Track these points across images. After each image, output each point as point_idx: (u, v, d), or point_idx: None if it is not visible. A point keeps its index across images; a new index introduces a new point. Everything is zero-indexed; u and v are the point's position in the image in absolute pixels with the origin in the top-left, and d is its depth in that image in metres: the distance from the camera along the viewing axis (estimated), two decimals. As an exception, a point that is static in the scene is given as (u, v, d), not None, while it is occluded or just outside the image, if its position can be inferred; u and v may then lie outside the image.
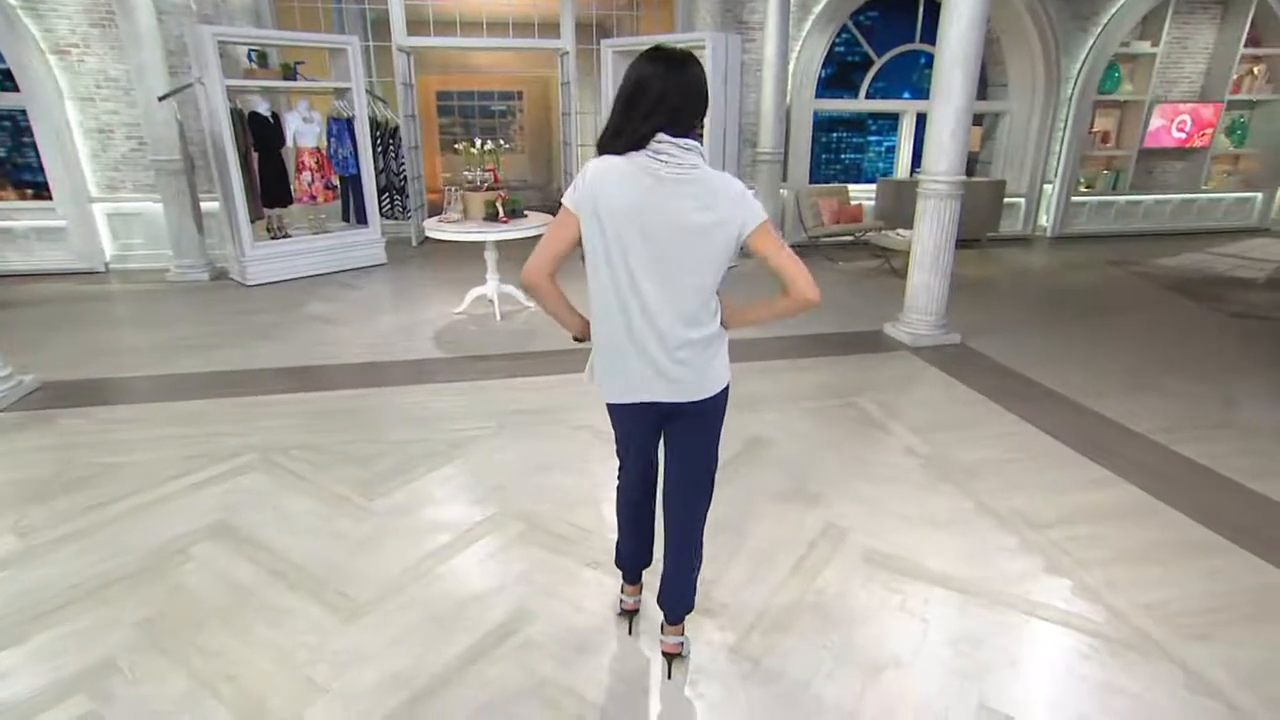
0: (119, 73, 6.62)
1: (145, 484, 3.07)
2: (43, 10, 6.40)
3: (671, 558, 2.04)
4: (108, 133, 6.85)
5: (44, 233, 6.97)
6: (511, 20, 8.70)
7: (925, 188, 4.71)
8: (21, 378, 4.05)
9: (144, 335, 5.27)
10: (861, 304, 6.05)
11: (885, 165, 9.61)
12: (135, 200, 7.06)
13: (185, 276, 6.77)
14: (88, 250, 7.06)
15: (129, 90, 6.58)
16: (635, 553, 2.23)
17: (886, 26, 8.54)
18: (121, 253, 7.22)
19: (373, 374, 4.42)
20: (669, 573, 2.05)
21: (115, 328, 5.48)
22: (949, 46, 4.40)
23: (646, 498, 2.15)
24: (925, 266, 4.85)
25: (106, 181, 7.00)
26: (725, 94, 6.62)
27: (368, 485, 3.09)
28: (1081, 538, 2.74)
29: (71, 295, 6.36)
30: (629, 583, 2.29)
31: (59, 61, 6.56)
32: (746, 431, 3.60)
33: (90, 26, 6.53)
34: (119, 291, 6.57)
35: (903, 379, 4.40)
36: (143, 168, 6.87)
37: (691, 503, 2.01)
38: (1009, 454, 3.41)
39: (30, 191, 7.15)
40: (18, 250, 6.96)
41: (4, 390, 3.88)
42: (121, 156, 6.93)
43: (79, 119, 6.77)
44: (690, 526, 2.03)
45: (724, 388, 1.88)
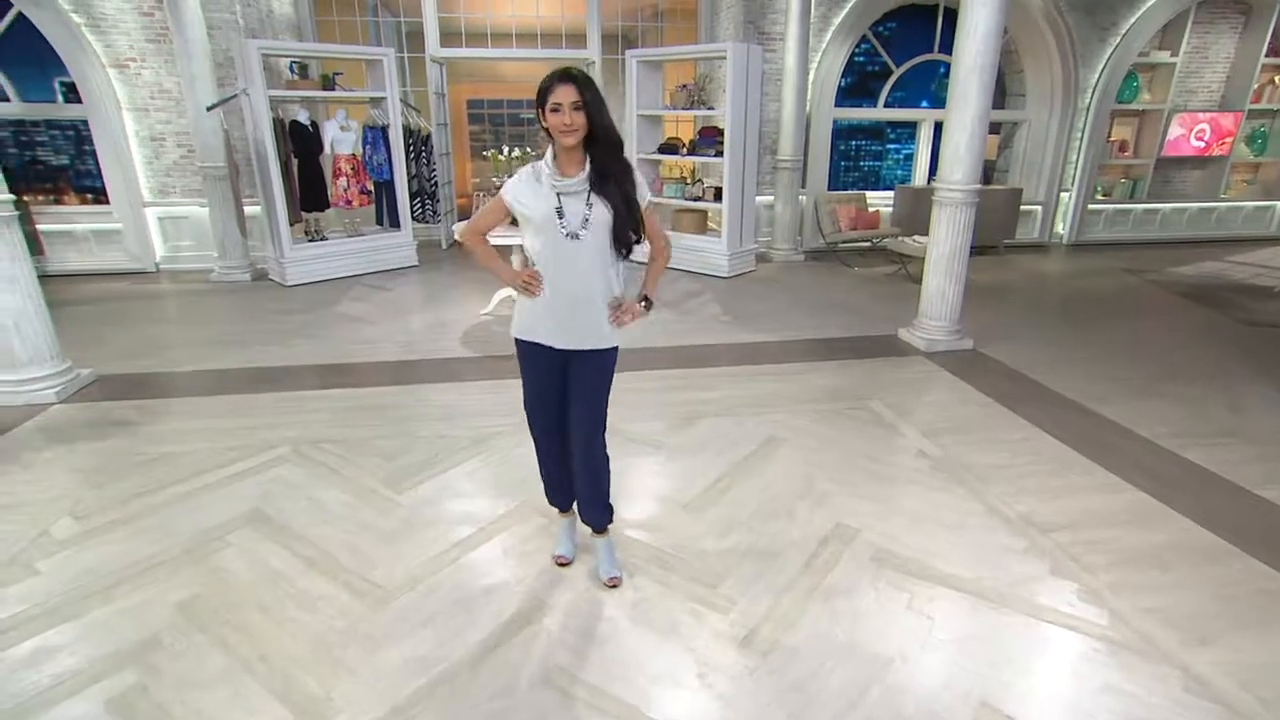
0: (172, 84, 6.80)
1: (188, 473, 3.16)
2: (105, 27, 6.59)
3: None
4: (160, 141, 7.03)
5: (102, 235, 7.19)
6: (540, 31, 8.77)
7: (941, 195, 4.66)
8: (79, 371, 4.19)
9: (190, 332, 5.41)
10: (876, 309, 6.00)
11: (903, 173, 9.50)
12: (184, 204, 7.25)
13: (228, 277, 6.93)
14: (140, 252, 7.27)
15: (180, 101, 6.76)
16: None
17: (905, 37, 8.46)
18: (171, 254, 7.41)
19: (402, 372, 4.48)
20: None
21: (164, 325, 5.63)
22: (966, 57, 4.35)
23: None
24: (940, 273, 4.80)
25: (158, 187, 7.19)
26: (746, 102, 6.61)
27: (395, 478, 3.14)
28: (1088, 541, 2.70)
29: (125, 294, 6.55)
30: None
31: (118, 75, 6.76)
32: (758, 432, 3.60)
33: (147, 42, 6.71)
34: (168, 291, 6.74)
35: (916, 383, 4.36)
36: (191, 174, 7.04)
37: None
38: (1019, 458, 3.37)
39: (90, 196, 7.39)
40: (78, 251, 7.19)
41: (64, 383, 4.01)
42: (172, 163, 7.11)
43: (135, 128, 6.96)
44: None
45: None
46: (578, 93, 1.96)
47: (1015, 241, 8.77)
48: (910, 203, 8.15)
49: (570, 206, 2.07)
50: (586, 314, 2.16)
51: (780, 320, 5.64)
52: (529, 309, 2.20)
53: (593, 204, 2.07)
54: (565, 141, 2.00)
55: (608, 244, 2.10)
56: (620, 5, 8.83)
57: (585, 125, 1.99)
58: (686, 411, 3.86)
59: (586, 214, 2.07)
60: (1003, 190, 8.37)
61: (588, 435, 2.29)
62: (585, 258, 2.10)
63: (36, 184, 7.55)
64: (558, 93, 1.96)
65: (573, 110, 1.96)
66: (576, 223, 2.07)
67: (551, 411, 2.33)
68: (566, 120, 1.96)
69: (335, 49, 7.24)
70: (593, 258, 2.10)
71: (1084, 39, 8.29)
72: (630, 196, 2.10)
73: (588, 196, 2.07)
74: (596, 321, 2.17)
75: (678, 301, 6.21)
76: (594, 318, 2.17)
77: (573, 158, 2.07)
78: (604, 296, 2.17)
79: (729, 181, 6.74)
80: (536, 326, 2.19)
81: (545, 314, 2.16)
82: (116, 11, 6.55)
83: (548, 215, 2.07)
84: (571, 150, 2.04)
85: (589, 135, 2.01)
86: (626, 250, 2.15)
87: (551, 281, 2.13)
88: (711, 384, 4.28)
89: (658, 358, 4.75)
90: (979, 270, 5.66)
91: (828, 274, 7.45)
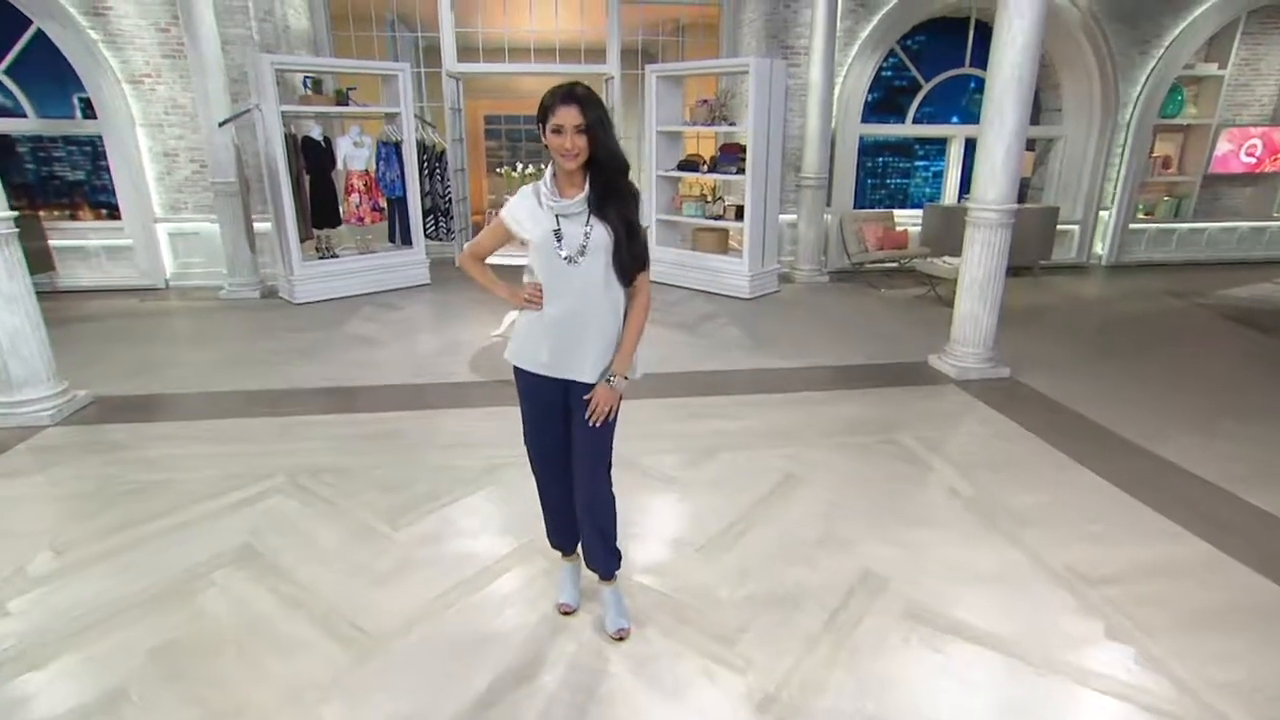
0: (186, 100, 6.87)
1: (179, 504, 3.08)
2: (121, 43, 6.69)
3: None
4: (173, 156, 7.10)
5: (113, 251, 7.25)
6: (558, 46, 8.78)
7: (975, 216, 4.51)
8: (76, 392, 4.16)
9: (195, 352, 5.39)
10: (905, 334, 5.84)
11: (933, 191, 9.35)
12: (195, 221, 7.30)
13: (237, 294, 6.93)
14: (151, 268, 7.32)
15: (194, 116, 6.82)
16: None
17: (935, 51, 8.35)
18: (181, 270, 7.45)
19: (409, 397, 4.40)
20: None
21: (169, 343, 5.62)
22: (1002, 71, 4.21)
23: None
24: (973, 296, 4.64)
25: (170, 203, 7.24)
26: (769, 118, 6.54)
27: (394, 512, 3.04)
28: (1144, 597, 2.50)
29: (133, 311, 6.57)
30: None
31: (133, 90, 6.84)
32: (778, 467, 3.45)
33: (163, 57, 6.79)
34: (176, 308, 6.77)
35: (947, 414, 4.19)
36: (203, 189, 7.09)
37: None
38: (1062, 499, 3.18)
39: (105, 212, 7.48)
40: (89, 267, 7.26)
41: (58, 404, 3.98)
42: (184, 179, 7.17)
43: (148, 144, 7.03)
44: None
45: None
46: (581, 114, 1.86)
47: (1051, 262, 8.55)
48: (940, 222, 8.01)
49: (568, 229, 1.98)
50: (587, 341, 2.05)
51: (803, 345, 5.52)
52: (527, 333, 2.10)
53: (592, 227, 1.98)
54: (566, 165, 1.92)
55: (608, 269, 2.00)
56: (640, 19, 8.82)
57: (588, 149, 1.89)
58: (702, 444, 3.73)
59: (585, 237, 1.97)
60: (1038, 209, 8.17)
61: (591, 473, 2.18)
62: (584, 283, 2.00)
63: (53, 199, 7.68)
64: (560, 114, 1.87)
65: (575, 133, 1.87)
66: (574, 246, 1.98)
67: (552, 446, 2.23)
68: (568, 144, 1.87)
69: (350, 64, 7.29)
70: (592, 283, 2.01)
71: (1123, 51, 8.10)
72: (632, 221, 2.00)
73: (587, 219, 1.98)
74: (598, 350, 2.06)
75: (695, 324, 6.10)
76: (595, 346, 2.06)
77: (573, 179, 1.98)
78: (606, 324, 2.06)
79: (751, 199, 6.66)
80: (534, 353, 2.09)
81: (544, 340, 2.06)
82: (134, 28, 6.64)
83: (545, 237, 1.98)
84: (572, 172, 1.96)
85: (591, 158, 1.92)
86: (629, 278, 2.05)
87: (550, 306, 2.04)
88: (729, 413, 4.15)
89: (672, 384, 4.63)
90: (1014, 292, 5.49)
91: (853, 296, 7.32)
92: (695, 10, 8.98)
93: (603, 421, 2.10)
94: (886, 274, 8.16)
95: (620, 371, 2.09)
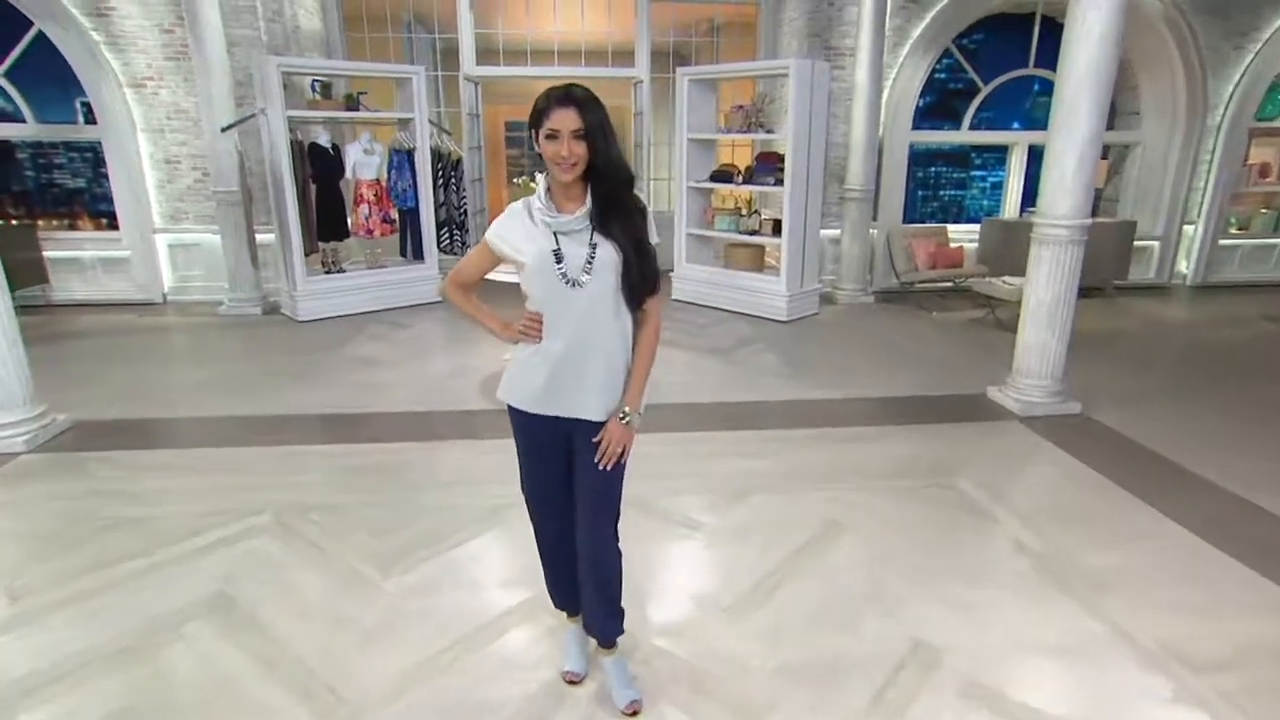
0: (189, 104, 7.00)
1: (153, 544, 3.02)
2: (123, 45, 6.85)
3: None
4: (174, 164, 7.23)
5: (109, 263, 7.39)
6: (584, 48, 8.81)
7: (1042, 232, 4.34)
8: (55, 416, 4.15)
9: (189, 372, 5.42)
10: (961, 362, 5.68)
11: (991, 203, 9.22)
12: (196, 232, 7.41)
13: (237, 310, 6.99)
14: (148, 281, 7.43)
15: (197, 121, 6.94)
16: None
17: (995, 50, 8.25)
18: (180, 284, 7.56)
19: (413, 425, 4.36)
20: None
21: (162, 363, 5.66)
22: (1074, 69, 4.05)
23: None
24: (1039, 322, 4.45)
25: (171, 212, 7.37)
26: (810, 125, 6.47)
27: (386, 558, 2.95)
28: (1263, 688, 2.26)
29: (127, 327, 6.65)
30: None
31: (134, 95, 7.00)
32: (817, 513, 3.30)
33: (166, 60, 6.94)
34: (173, 324, 6.84)
35: (1010, 455, 4.01)
36: (205, 198, 7.19)
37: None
38: (1149, 559, 2.97)
39: (105, 221, 7.64)
40: (84, 280, 7.40)
41: (34, 430, 3.97)
42: (186, 188, 7.29)
43: (149, 150, 7.18)
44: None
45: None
46: (579, 118, 1.77)
47: (1127, 282, 8.30)
48: (999, 238, 7.86)
49: (569, 247, 1.89)
50: (592, 375, 1.95)
51: (846, 374, 5.39)
52: (523, 366, 2.00)
53: (597, 244, 1.88)
54: (562, 176, 1.83)
55: (616, 291, 1.91)
56: (671, 19, 8.83)
57: (586, 157, 1.80)
58: (732, 484, 3.59)
59: (589, 256, 1.87)
60: (1113, 223, 7.97)
61: (596, 526, 2.08)
62: (589, 307, 1.90)
63: (52, 208, 7.86)
64: (555, 117, 1.77)
65: (572, 140, 1.77)
66: (578, 266, 1.88)
67: (554, 494, 2.12)
68: (564, 151, 1.78)
69: (361, 66, 7.38)
70: (599, 307, 1.91)
71: (1213, 46, 7.85)
72: (641, 238, 1.91)
73: (590, 236, 1.88)
74: (604, 384, 1.96)
75: (727, 349, 5.98)
76: (601, 379, 1.96)
77: (570, 192, 1.89)
78: (613, 354, 1.96)
79: (789, 213, 6.57)
80: (531, 390, 1.98)
81: (542, 374, 1.96)
82: (137, 29, 6.80)
83: (543, 257, 1.88)
84: (569, 184, 1.86)
85: (591, 167, 1.82)
86: (638, 302, 1.95)
87: (551, 337, 1.94)
88: (763, 449, 4.02)
89: (701, 415, 4.52)
90: (1085, 316, 5.28)
91: (902, 319, 7.16)
92: (731, 9, 8.97)
93: (614, 464, 1.98)
94: (939, 295, 8.01)
95: (634, 407, 1.99)
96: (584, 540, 2.10)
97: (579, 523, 2.10)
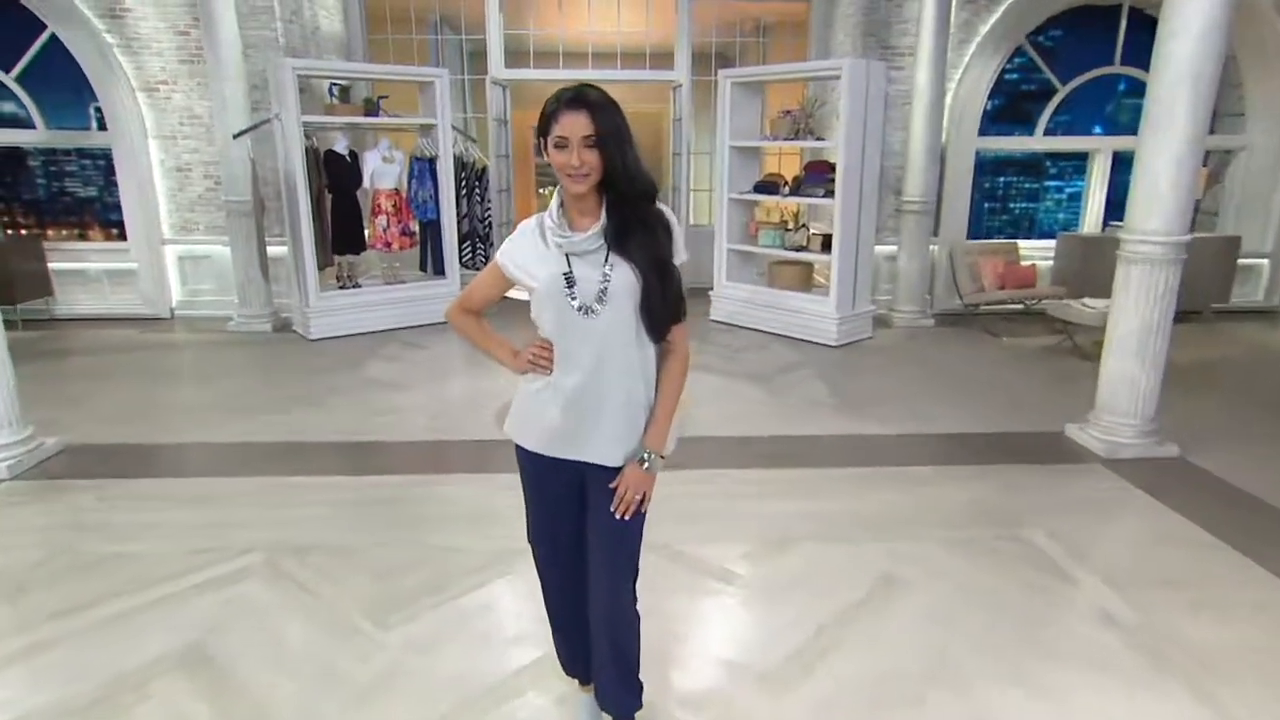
0: (203, 109, 7.14)
1: (132, 585, 2.98)
2: (137, 47, 7.03)
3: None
4: (185, 171, 7.38)
5: (116, 275, 7.54)
6: (620, 50, 8.81)
7: (1131, 250, 4.14)
8: (44, 440, 4.17)
9: (191, 393, 5.47)
10: (1034, 395, 5.48)
11: (1068, 216, 9.02)
12: (206, 243, 7.53)
13: (246, 327, 7.05)
14: (155, 295, 7.56)
15: (210, 127, 7.07)
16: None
17: (1074, 47, 8.07)
18: (189, 298, 7.68)
19: (424, 456, 4.35)
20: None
21: (164, 383, 5.71)
22: (1172, 63, 3.85)
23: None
24: (1128, 352, 4.24)
25: (181, 222, 7.51)
26: (865, 131, 6.37)
27: (386, 606, 2.86)
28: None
29: (130, 344, 6.75)
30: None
31: (147, 99, 7.17)
32: (870, 567, 3.14)
33: (180, 63, 7.10)
34: (178, 341, 6.94)
35: (1094, 505, 3.79)
36: (216, 208, 7.30)
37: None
38: (1268, 634, 2.72)
39: (116, 232, 7.81)
40: (89, 293, 7.56)
41: (20, 455, 3.98)
42: (197, 196, 7.43)
43: (160, 157, 7.34)
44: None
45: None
46: (591, 123, 1.65)
47: (1229, 305, 7.99)
48: (1078, 255, 7.68)
49: (582, 271, 1.77)
50: (607, 413, 1.83)
51: (903, 405, 5.23)
52: (533, 401, 1.90)
53: (612, 267, 1.76)
54: (573, 189, 1.72)
55: (635, 320, 1.79)
56: (714, 19, 8.79)
57: (600, 167, 1.69)
58: (772, 530, 3.46)
59: (604, 280, 1.75)
60: (1213, 239, 7.68)
61: (611, 580, 1.97)
62: (606, 338, 1.79)
63: (62, 217, 8.06)
64: (565, 122, 1.66)
65: (583, 148, 1.66)
66: (591, 292, 1.76)
67: (564, 546, 2.02)
68: (574, 161, 1.67)
69: (381, 69, 7.45)
70: (616, 338, 1.79)
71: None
72: (663, 259, 1.78)
73: (605, 257, 1.77)
74: (622, 423, 1.85)
75: (770, 376, 5.86)
76: (618, 418, 1.84)
77: (584, 207, 1.78)
78: (632, 391, 1.85)
79: (841, 227, 6.47)
80: (540, 428, 1.88)
81: (552, 411, 1.85)
82: (152, 30, 6.98)
83: (553, 282, 1.77)
84: (582, 198, 1.75)
85: (606, 179, 1.72)
86: (660, 332, 1.83)
87: (563, 370, 1.83)
88: (808, 491, 3.89)
89: (737, 450, 4.40)
90: (1181, 343, 5.01)
91: (966, 345, 6.98)
92: (780, 6, 8.91)
93: (633, 513, 1.86)
94: (1007, 319, 7.81)
95: (656, 449, 1.87)
96: (598, 599, 1.99)
97: (592, 579, 1.99)
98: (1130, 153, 4.28)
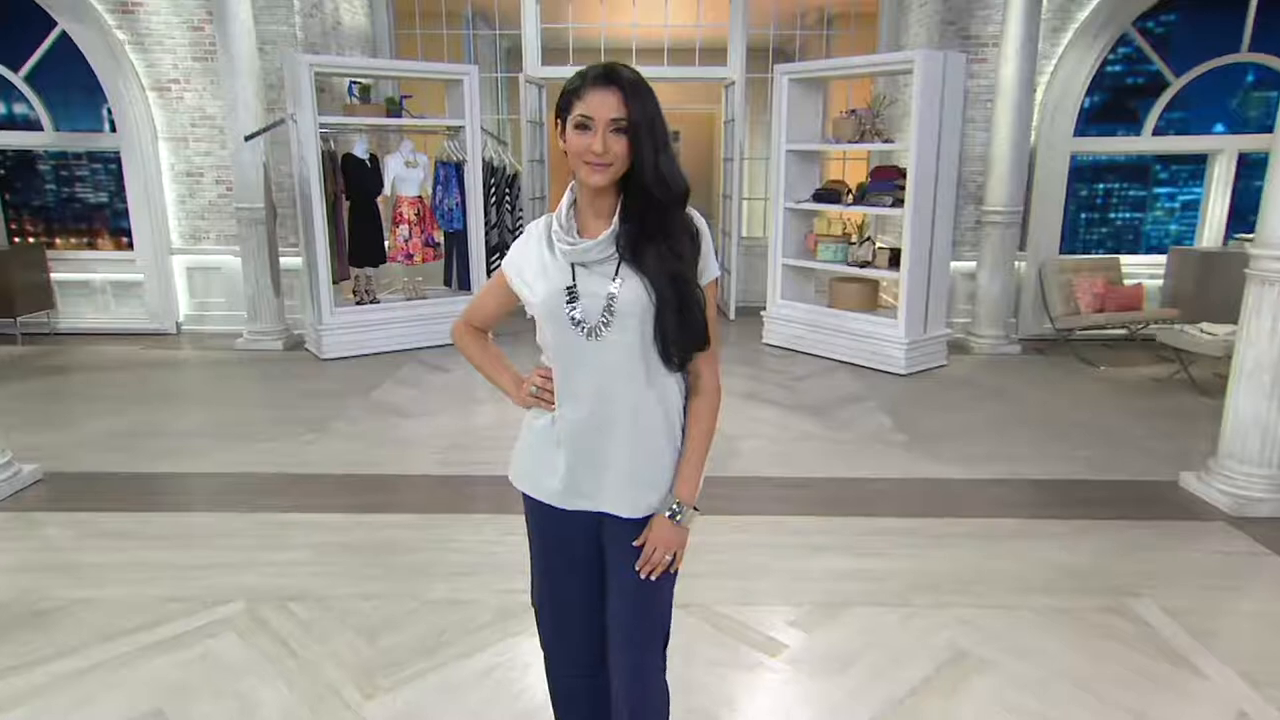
0: (215, 109, 7.31)
1: (93, 638, 2.92)
2: (149, 44, 7.26)
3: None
4: (196, 176, 7.56)
5: (120, 287, 7.74)
6: (667, 45, 8.77)
7: (1263, 267, 3.93)
8: (22, 467, 4.20)
9: (188, 417, 5.52)
10: (1141, 436, 5.25)
11: (1181, 228, 8.71)
12: (217, 253, 7.70)
13: (256, 344, 7.15)
14: (161, 309, 7.74)
15: (223, 129, 7.22)
16: None
17: (1192, 33, 7.82)
18: (196, 312, 7.86)
19: (434, 493, 4.35)
20: None
21: (161, 405, 5.79)
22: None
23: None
24: (1259, 388, 4.02)
25: (190, 231, 7.69)
26: (940, 132, 6.25)
27: (371, 670, 2.77)
28: None
29: (131, 361, 6.89)
30: None
31: (158, 99, 7.38)
32: (940, 639, 2.96)
33: (193, 60, 7.31)
34: (182, 359, 7.07)
35: (1218, 572, 3.54)
36: (228, 216, 7.45)
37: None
38: None
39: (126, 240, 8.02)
40: (93, 306, 7.78)
41: (-5, 483, 4.03)
42: (208, 203, 7.60)
43: (170, 161, 7.54)
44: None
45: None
46: (623, 105, 1.51)
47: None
48: (1194, 273, 7.45)
49: (588, 284, 1.62)
50: (618, 457, 1.68)
51: (981, 445, 5.05)
52: (537, 438, 1.77)
53: (621, 280, 1.61)
54: (591, 180, 1.56)
55: (646, 346, 1.63)
56: (773, 10, 8.72)
57: (626, 160, 1.54)
58: (826, 591, 3.31)
59: (610, 298, 1.60)
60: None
61: (634, 655, 1.80)
62: (614, 366, 1.64)
63: (71, 225, 8.30)
64: (591, 101, 1.52)
65: (609, 132, 1.51)
66: (595, 310, 1.61)
67: (575, 610, 1.86)
68: (597, 147, 1.51)
69: (404, 66, 7.53)
70: (626, 366, 1.64)
71: None
72: (682, 274, 1.61)
73: (615, 269, 1.61)
74: (632, 468, 1.69)
75: (828, 408, 5.73)
76: (628, 462, 1.68)
77: (599, 207, 1.64)
78: (648, 428, 1.69)
79: (911, 240, 6.36)
80: (544, 473, 1.75)
81: (560, 454, 1.72)
82: (165, 27, 7.19)
83: (553, 298, 1.63)
84: (600, 195, 1.60)
85: (632, 176, 1.57)
86: (677, 361, 1.66)
87: (566, 402, 1.70)
88: (870, 545, 3.74)
89: (789, 495, 4.29)
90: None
91: (1058, 375, 6.79)
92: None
93: (660, 574, 1.71)
94: (1107, 345, 7.66)
95: (687, 500, 1.72)
96: (618, 674, 1.82)
97: (611, 650, 1.83)
98: (1260, 154, 4.01)
